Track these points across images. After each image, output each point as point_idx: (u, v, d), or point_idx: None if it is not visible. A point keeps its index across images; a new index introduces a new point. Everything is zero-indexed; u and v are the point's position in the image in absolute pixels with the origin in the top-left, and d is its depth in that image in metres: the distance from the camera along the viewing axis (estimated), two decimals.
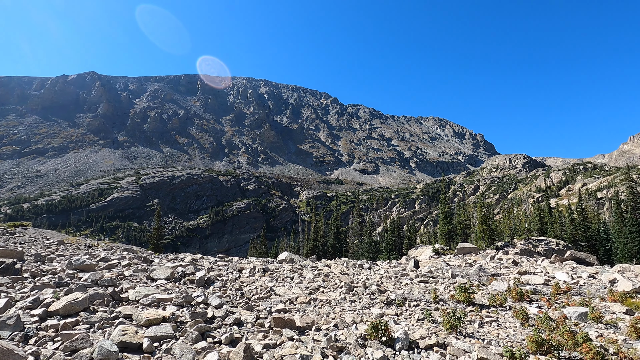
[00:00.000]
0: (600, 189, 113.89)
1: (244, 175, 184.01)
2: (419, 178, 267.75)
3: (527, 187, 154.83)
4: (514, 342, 7.19)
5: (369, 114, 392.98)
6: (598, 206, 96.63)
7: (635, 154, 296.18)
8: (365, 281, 12.98)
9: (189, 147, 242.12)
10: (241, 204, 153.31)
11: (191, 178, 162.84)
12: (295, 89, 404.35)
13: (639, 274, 16.05)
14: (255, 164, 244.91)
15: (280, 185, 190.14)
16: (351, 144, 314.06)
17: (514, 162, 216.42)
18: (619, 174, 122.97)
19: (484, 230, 30.56)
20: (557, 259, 23.76)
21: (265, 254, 53.44)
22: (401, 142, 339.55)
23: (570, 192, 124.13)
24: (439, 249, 28.41)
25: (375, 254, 42.55)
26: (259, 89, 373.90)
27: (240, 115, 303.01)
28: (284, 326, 7.30)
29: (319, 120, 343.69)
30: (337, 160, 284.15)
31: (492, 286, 12.98)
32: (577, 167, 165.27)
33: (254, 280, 12.44)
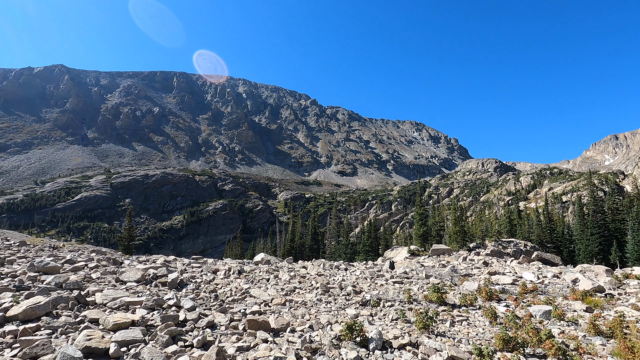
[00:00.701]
0: (565, 193, 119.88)
1: (220, 175, 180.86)
2: (395, 180, 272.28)
3: (498, 190, 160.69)
4: (482, 340, 7.43)
5: (348, 116, 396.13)
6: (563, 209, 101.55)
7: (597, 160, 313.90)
8: (342, 282, 13.05)
9: (163, 146, 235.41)
10: (217, 204, 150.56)
11: (165, 177, 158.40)
12: (275, 89, 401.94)
13: (598, 273, 16.97)
14: (233, 164, 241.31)
15: (258, 186, 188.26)
16: (330, 146, 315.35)
17: (486, 166, 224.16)
18: (581, 179, 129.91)
19: (457, 232, 31.44)
20: (525, 260, 24.77)
21: (242, 256, 52.72)
22: (379, 145, 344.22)
23: (538, 195, 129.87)
24: (414, 250, 28.97)
25: (352, 255, 42.88)
26: (237, 88, 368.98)
27: (218, 114, 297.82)
28: (259, 328, 7.22)
29: (298, 121, 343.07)
30: (315, 161, 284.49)
31: (464, 286, 13.36)
32: (544, 171, 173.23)
33: (229, 282, 12.24)
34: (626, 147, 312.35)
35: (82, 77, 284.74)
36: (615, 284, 14.18)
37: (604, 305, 10.63)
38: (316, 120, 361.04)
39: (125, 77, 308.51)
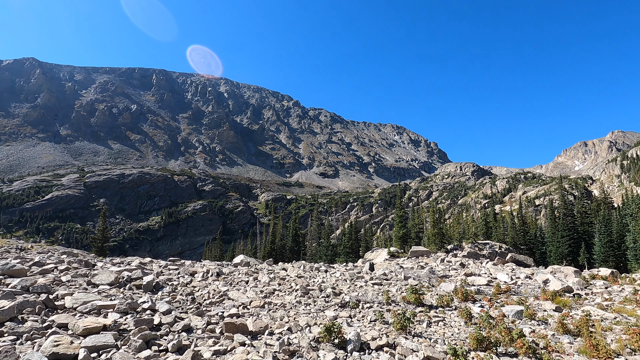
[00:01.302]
0: (538, 197, 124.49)
1: (200, 176, 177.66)
2: (376, 183, 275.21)
3: (476, 193, 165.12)
4: (458, 340, 7.60)
5: (330, 119, 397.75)
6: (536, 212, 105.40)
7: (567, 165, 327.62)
8: (321, 284, 13.05)
9: (141, 145, 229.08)
10: (196, 205, 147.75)
11: (143, 177, 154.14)
12: (257, 89, 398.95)
13: (567, 274, 17.69)
14: (213, 164, 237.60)
15: (239, 187, 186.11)
16: (312, 147, 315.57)
17: (464, 170, 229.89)
18: (553, 183, 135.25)
19: (436, 234, 32.05)
20: (500, 261, 25.53)
21: (221, 257, 51.92)
22: (360, 147, 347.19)
23: (513, 199, 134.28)
24: (394, 252, 29.34)
25: (333, 256, 42.96)
26: (218, 87, 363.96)
27: (198, 114, 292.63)
28: (236, 331, 7.12)
29: (280, 122, 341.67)
30: (297, 163, 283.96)
31: (441, 287, 13.63)
32: (519, 176, 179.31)
33: (207, 284, 12.03)
34: (594, 153, 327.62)
35: (55, 71, 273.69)
36: (583, 285, 14.82)
37: (572, 305, 11.08)
38: (299, 122, 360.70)
39: (101, 73, 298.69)
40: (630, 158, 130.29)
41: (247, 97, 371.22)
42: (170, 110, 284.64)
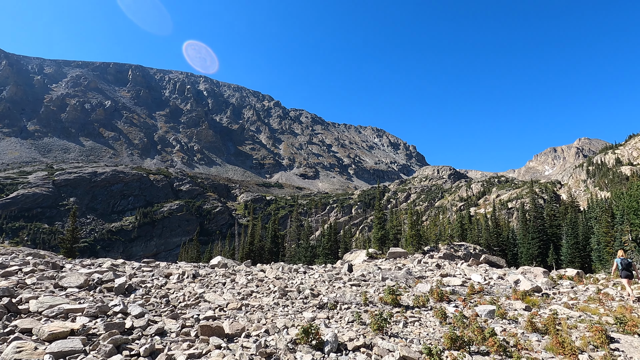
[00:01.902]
0: (511, 200, 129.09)
1: (177, 175, 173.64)
2: (356, 184, 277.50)
3: (452, 196, 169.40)
4: (433, 340, 7.76)
5: (311, 120, 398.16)
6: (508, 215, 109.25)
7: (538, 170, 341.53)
8: (300, 285, 13.01)
9: (115, 142, 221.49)
10: (173, 205, 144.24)
11: (116, 175, 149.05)
12: (237, 88, 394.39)
13: (537, 275, 18.41)
14: (191, 163, 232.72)
15: (217, 187, 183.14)
16: (292, 148, 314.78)
17: (441, 173, 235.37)
18: (525, 187, 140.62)
19: (413, 235, 32.62)
20: (474, 262, 26.26)
21: (198, 259, 50.90)
22: (341, 149, 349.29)
23: (487, 202, 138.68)
24: (372, 253, 29.63)
25: (312, 258, 42.96)
26: (198, 85, 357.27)
27: (176, 112, 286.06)
28: (212, 334, 6.99)
29: (261, 122, 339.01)
30: (277, 163, 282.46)
31: (417, 288, 13.88)
32: (493, 180, 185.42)
33: (182, 286, 11.75)
34: (563, 159, 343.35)
35: (22, 63, 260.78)
36: (551, 284, 15.46)
37: (541, 304, 11.54)
38: (279, 122, 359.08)
39: (73, 67, 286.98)
40: (595, 164, 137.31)
41: (227, 96, 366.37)
42: (146, 108, 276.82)
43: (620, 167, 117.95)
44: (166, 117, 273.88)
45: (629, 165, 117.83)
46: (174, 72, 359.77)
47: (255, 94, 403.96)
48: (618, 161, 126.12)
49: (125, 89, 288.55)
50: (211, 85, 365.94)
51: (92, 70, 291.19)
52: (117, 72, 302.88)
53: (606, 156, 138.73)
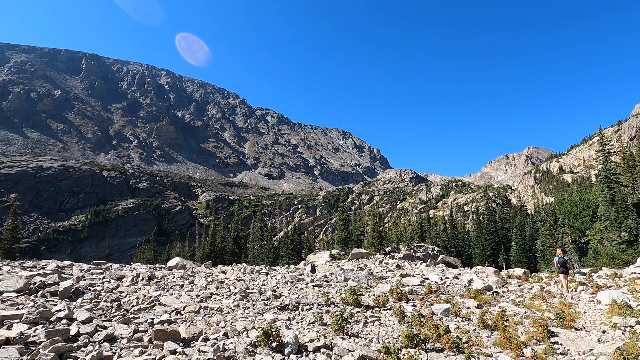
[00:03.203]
0: (467, 203, 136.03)
1: (134, 172, 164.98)
2: (321, 186, 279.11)
3: (413, 199, 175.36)
4: (391, 339, 7.95)
5: (278, 119, 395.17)
6: (464, 217, 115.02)
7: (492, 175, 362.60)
8: (261, 287, 12.83)
9: (65, 135, 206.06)
10: (129, 203, 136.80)
11: (65, 171, 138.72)
12: (201, 84, 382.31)
13: (488, 274, 19.50)
14: (149, 160, 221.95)
15: (178, 186, 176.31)
16: (257, 148, 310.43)
17: (403, 177, 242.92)
18: (480, 191, 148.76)
19: (375, 236, 33.33)
20: (432, 263, 27.30)
21: (155, 260, 48.65)
22: (307, 150, 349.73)
23: (445, 205, 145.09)
24: (336, 254, 29.90)
25: (275, 259, 42.58)
26: (159, 78, 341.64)
27: (135, 105, 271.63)
28: (167, 339, 6.68)
29: (225, 120, 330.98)
30: (242, 162, 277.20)
31: (378, 288, 14.18)
32: (451, 184, 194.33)
33: (136, 289, 11.15)
34: (514, 165, 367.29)
35: None
36: (501, 283, 16.44)
37: (491, 302, 12.24)
38: (244, 121, 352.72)
39: (18, 52, 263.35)
40: (541, 171, 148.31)
41: (190, 92, 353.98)
42: (101, 99, 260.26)
43: (562, 175, 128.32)
44: (123, 111, 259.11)
45: (570, 173, 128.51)
46: (132, 64, 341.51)
47: (221, 90, 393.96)
48: (561, 169, 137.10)
49: (77, 79, 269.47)
50: (173, 80, 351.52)
51: (39, 56, 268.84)
52: (69, 60, 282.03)
53: (551, 164, 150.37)
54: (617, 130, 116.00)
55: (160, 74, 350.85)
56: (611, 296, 11.11)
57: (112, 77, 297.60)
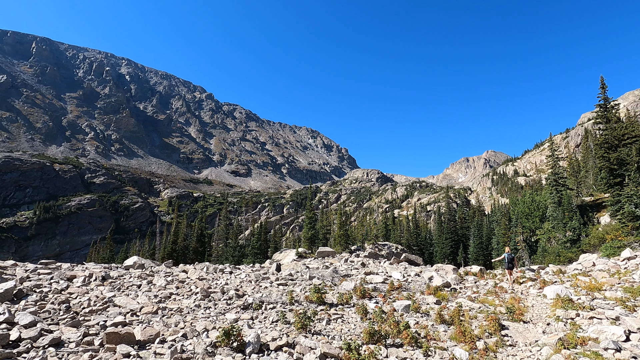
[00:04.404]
0: (430, 204, 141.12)
1: (89, 166, 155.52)
2: (289, 184, 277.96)
3: (379, 198, 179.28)
4: (353, 335, 8.08)
5: (246, 116, 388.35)
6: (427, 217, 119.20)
7: (453, 177, 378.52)
8: (224, 286, 12.55)
9: (11, 124, 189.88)
10: (83, 199, 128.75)
11: (11, 163, 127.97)
12: (166, 76, 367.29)
13: (447, 271, 20.34)
14: (107, 154, 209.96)
15: (138, 181, 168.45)
16: (224, 144, 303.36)
17: (370, 177, 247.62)
18: (442, 192, 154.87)
19: (342, 235, 33.68)
20: (395, 261, 28.05)
21: (111, 260, 46.13)
22: (275, 148, 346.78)
23: (409, 205, 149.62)
24: (302, 252, 29.90)
25: (240, 257, 41.85)
26: (119, 68, 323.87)
27: (92, 95, 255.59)
28: (120, 342, 6.36)
29: (191, 115, 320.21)
30: (207, 159, 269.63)
31: (342, 286, 14.34)
32: (415, 184, 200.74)
33: (88, 290, 10.52)
34: (474, 168, 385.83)
35: None
36: (459, 280, 17.21)
37: (449, 298, 12.78)
38: (211, 116, 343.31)
39: None
40: (498, 174, 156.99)
41: (154, 84, 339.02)
42: (54, 87, 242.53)
43: (517, 178, 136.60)
44: (79, 100, 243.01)
45: (524, 176, 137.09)
46: (90, 51, 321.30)
47: (186, 83, 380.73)
48: (516, 172, 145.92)
49: (26, 64, 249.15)
50: (135, 70, 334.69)
51: None
52: (17, 43, 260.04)
53: (507, 168, 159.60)
54: (565, 138, 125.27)
55: (120, 63, 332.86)
56: (555, 291, 11.99)
57: (67, 64, 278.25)
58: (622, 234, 21.51)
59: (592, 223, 29.78)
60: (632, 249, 19.28)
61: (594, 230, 27.08)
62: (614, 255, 20.17)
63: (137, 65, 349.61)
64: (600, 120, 31.11)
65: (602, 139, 29.50)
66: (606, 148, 28.78)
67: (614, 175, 27.35)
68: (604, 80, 30.52)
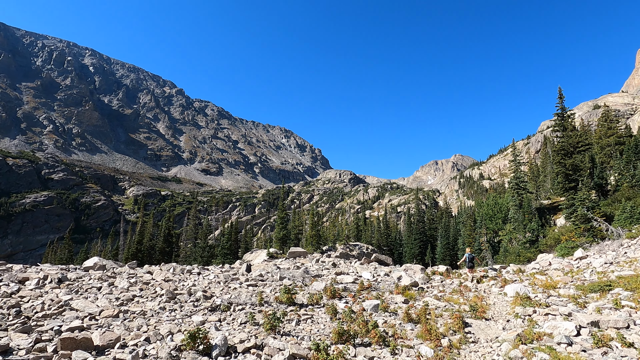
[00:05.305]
0: (400, 205, 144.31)
1: (47, 161, 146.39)
2: (261, 183, 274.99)
3: (351, 199, 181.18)
4: (322, 336, 8.08)
5: (218, 113, 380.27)
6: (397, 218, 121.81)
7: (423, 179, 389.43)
8: (192, 287, 12.19)
9: None
10: (39, 196, 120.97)
11: None
12: (133, 69, 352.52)
13: (416, 271, 20.86)
14: (67, 148, 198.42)
15: (101, 178, 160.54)
16: (194, 141, 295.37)
17: (342, 177, 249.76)
18: (412, 194, 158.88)
19: (313, 235, 33.72)
20: (366, 261, 28.42)
21: (70, 260, 43.61)
22: (247, 147, 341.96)
23: (381, 205, 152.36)
24: (273, 252, 29.64)
25: (210, 258, 40.85)
26: (82, 58, 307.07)
27: (51, 86, 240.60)
28: (76, 347, 6.00)
29: (160, 110, 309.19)
30: (176, 156, 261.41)
31: (313, 286, 14.33)
32: (386, 186, 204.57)
33: (42, 293, 9.87)
34: (442, 171, 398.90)
35: None
36: (426, 280, 17.69)
37: (417, 297, 13.09)
38: (181, 112, 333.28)
39: None
40: (465, 177, 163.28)
41: (120, 76, 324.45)
42: (8, 76, 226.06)
43: (482, 181, 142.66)
44: (36, 91, 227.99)
45: (489, 179, 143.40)
46: (50, 39, 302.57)
47: (155, 78, 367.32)
48: (481, 176, 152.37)
49: None
50: (100, 61, 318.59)
51: None
52: None
53: (473, 171, 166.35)
54: (527, 144, 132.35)
55: (84, 53, 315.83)
56: (515, 289, 12.59)
57: (23, 52, 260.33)
58: (575, 235, 22.99)
59: (549, 225, 31.61)
60: (583, 249, 20.66)
61: (551, 232, 28.76)
62: (568, 255, 21.51)
63: (102, 57, 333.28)
64: (558, 129, 33.11)
65: (559, 146, 31.41)
66: (562, 154, 30.67)
67: (569, 180, 29.19)
68: (561, 91, 32.52)
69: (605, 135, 44.00)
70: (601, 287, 11.22)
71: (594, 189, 30.83)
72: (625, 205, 23.32)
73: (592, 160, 34.69)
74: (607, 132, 44.18)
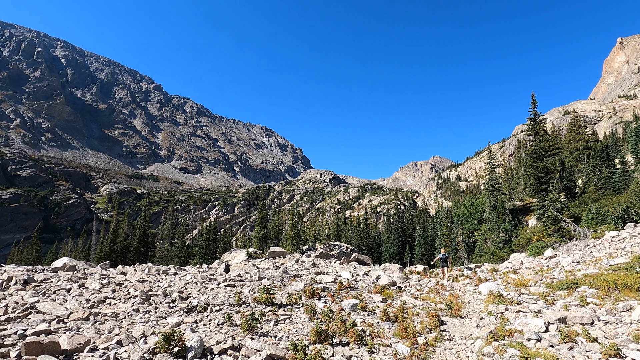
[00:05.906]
0: (380, 205, 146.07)
1: (14, 157, 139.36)
2: (241, 183, 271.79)
3: (332, 199, 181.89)
4: (301, 336, 8.06)
5: (197, 110, 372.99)
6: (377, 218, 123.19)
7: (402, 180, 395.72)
8: (167, 288, 11.89)
9: None
10: (5, 193, 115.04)
11: None
12: (108, 62, 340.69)
13: (394, 270, 21.15)
14: (36, 143, 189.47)
15: (72, 175, 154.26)
16: (172, 139, 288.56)
17: (323, 177, 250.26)
18: (391, 194, 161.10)
19: (294, 235, 33.62)
20: (345, 261, 28.57)
21: (37, 261, 41.65)
22: (227, 145, 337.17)
23: (361, 206, 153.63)
24: (253, 252, 29.33)
25: (187, 258, 39.98)
26: (53, 50, 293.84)
27: (19, 77, 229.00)
28: (42, 352, 5.73)
29: (136, 106, 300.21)
30: (153, 153, 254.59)
31: (292, 286, 14.28)
32: (367, 186, 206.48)
33: (6, 295, 9.39)
34: (421, 172, 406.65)
35: None
36: (404, 279, 17.97)
37: (394, 296, 13.27)
38: (159, 108, 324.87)
39: None
40: (443, 178, 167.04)
41: (95, 70, 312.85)
42: None
43: (459, 182, 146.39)
44: (3, 83, 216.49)
45: (465, 181, 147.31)
46: (18, 28, 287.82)
47: (132, 72, 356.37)
48: (458, 177, 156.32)
49: None
50: (72, 53, 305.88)
51: None
52: None
53: (450, 173, 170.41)
54: (502, 147, 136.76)
55: (55, 45, 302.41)
56: (489, 288, 12.99)
57: None
58: (546, 235, 23.96)
59: (521, 225, 32.80)
60: (553, 249, 21.55)
61: (523, 232, 29.86)
62: (538, 254, 22.38)
63: (75, 49, 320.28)
64: (531, 133, 34.44)
65: (532, 150, 32.67)
66: (535, 158, 31.91)
67: (540, 182, 30.40)
68: (534, 97, 33.84)
69: (574, 140, 46.11)
70: (568, 285, 11.72)
71: (564, 191, 32.24)
72: (592, 207, 24.51)
73: (562, 164, 36.25)
74: (575, 137, 46.32)
